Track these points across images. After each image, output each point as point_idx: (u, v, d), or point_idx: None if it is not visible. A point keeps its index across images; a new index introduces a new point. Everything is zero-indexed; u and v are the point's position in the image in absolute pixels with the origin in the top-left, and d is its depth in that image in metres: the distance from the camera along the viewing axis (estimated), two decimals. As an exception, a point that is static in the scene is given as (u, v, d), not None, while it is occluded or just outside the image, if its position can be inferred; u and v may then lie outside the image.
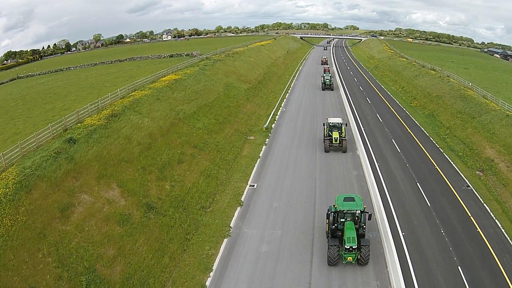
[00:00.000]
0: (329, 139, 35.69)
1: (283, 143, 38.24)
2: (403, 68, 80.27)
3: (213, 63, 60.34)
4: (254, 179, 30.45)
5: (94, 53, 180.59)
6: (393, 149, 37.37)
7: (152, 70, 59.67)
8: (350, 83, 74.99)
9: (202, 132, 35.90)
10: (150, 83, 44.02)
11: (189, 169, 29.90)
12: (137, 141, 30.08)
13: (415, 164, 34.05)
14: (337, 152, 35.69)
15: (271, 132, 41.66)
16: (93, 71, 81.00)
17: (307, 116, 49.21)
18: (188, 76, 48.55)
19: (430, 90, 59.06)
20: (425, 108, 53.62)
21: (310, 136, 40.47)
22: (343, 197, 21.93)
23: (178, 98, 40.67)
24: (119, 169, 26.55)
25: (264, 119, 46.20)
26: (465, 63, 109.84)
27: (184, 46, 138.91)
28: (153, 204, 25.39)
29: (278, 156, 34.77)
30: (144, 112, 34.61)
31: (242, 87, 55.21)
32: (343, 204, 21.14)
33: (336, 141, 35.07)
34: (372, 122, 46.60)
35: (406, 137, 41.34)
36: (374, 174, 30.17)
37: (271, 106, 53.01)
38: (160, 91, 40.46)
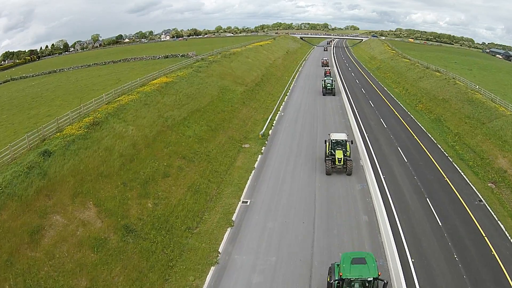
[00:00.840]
0: (332, 159, 30.60)
1: (280, 152, 35.39)
2: (406, 69, 77.43)
3: (208, 64, 57.54)
4: (248, 195, 27.60)
5: (91, 53, 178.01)
6: (399, 159, 34.53)
7: (145, 72, 56.98)
8: (352, 84, 72.14)
9: (192, 140, 33.07)
10: (139, 87, 41.26)
11: (175, 184, 27.08)
12: (119, 152, 27.29)
13: (424, 176, 31.25)
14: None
15: (268, 139, 38.82)
16: (85, 72, 78.30)
17: (307, 120, 46.40)
18: (180, 78, 45.74)
19: (435, 93, 56.23)
20: (431, 112, 50.80)
21: (309, 144, 37.63)
22: (350, 258, 16.82)
23: (168, 103, 37.85)
24: (97, 185, 23.83)
25: (260, 124, 43.36)
26: (468, 64, 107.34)
27: (181, 46, 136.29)
28: (133, 226, 22.61)
29: (274, 167, 31.90)
30: (129, 120, 31.81)
31: (238, 90, 52.37)
32: (351, 269, 16.21)
33: (339, 162, 30.04)
34: (376, 127, 43.75)
35: (413, 145, 38.51)
36: (379, 188, 27.33)
37: (268, 110, 50.17)
38: (149, 96, 37.67)
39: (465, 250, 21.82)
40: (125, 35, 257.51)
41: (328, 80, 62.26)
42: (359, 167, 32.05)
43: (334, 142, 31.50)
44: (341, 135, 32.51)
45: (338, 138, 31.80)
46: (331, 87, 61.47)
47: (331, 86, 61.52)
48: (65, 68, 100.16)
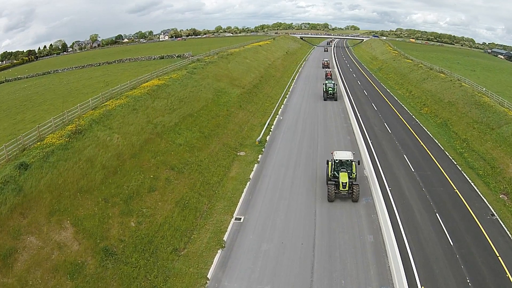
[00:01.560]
0: (335, 183, 25.95)
1: (278, 161, 32.96)
2: (410, 70, 75.01)
3: (203, 65, 55.14)
4: (241, 210, 25.20)
5: (89, 54, 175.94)
6: (406, 168, 32.15)
7: (138, 73, 54.72)
8: (353, 86, 69.72)
9: (182, 149, 30.68)
10: (129, 90, 38.91)
11: (162, 199, 24.71)
12: (101, 164, 24.97)
13: (433, 188, 28.91)
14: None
15: (265, 146, 36.38)
16: (78, 74, 75.97)
17: (307, 125, 44.00)
18: (173, 81, 43.36)
19: (441, 96, 53.84)
20: (437, 116, 48.41)
21: (309, 151, 35.26)
22: None
23: (158, 107, 35.50)
24: (76, 201, 21.62)
25: (257, 130, 40.96)
26: (471, 64, 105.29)
27: (180, 46, 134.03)
28: (113, 248, 20.34)
29: (271, 179, 29.48)
30: (114, 127, 29.46)
31: (235, 92, 49.97)
32: None
33: (344, 187, 25.41)
34: (380, 133, 41.35)
35: (419, 152, 36.14)
36: (386, 202, 24.96)
37: (266, 114, 47.78)
38: (138, 100, 35.31)
39: (478, 275, 19.82)
40: (125, 35, 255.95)
41: (329, 84, 57.50)
42: (363, 177, 29.68)
43: (338, 163, 26.97)
44: (346, 154, 27.66)
45: (343, 157, 27.00)
46: (333, 91, 56.60)
47: (333, 90, 56.63)
48: (60, 69, 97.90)
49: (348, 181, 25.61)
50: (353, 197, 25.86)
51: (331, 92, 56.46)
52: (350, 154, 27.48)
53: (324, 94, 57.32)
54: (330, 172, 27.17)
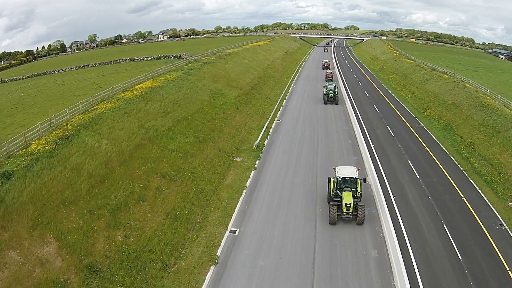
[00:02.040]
0: (338, 204, 23.24)
1: (277, 167, 31.35)
2: (411, 70, 73.48)
3: (200, 66, 53.58)
4: (237, 222, 23.63)
5: (86, 54, 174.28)
6: (410, 174, 30.61)
7: (133, 74, 53.22)
8: (354, 87, 68.15)
9: (175, 155, 29.11)
10: (122, 92, 37.41)
11: (152, 210, 23.16)
12: (88, 172, 23.48)
13: (439, 196, 27.39)
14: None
15: (263, 151, 34.75)
16: (72, 75, 74.40)
17: (307, 127, 42.41)
18: (167, 82, 41.82)
19: (444, 97, 52.30)
20: (441, 118, 46.86)
21: (309, 157, 33.66)
22: None
23: (151, 111, 33.95)
24: (59, 214, 20.24)
25: (255, 133, 39.37)
26: (473, 65, 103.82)
27: (178, 46, 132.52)
28: (98, 265, 18.87)
29: (269, 187, 27.89)
30: (104, 132, 27.94)
31: (232, 94, 48.39)
32: None
33: (348, 208, 22.47)
34: (383, 136, 39.78)
35: (424, 157, 34.59)
36: (390, 213, 23.40)
37: (264, 116, 46.19)
38: (130, 103, 33.79)
39: (488, 289, 18.35)
40: (124, 35, 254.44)
41: (330, 87, 54.46)
42: (366, 185, 28.10)
43: (341, 180, 23.77)
44: (350, 170, 24.28)
45: (347, 174, 23.76)
46: (334, 95, 53.55)
47: (334, 93, 53.58)
48: (55, 70, 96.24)
49: (352, 202, 22.57)
50: (358, 219, 22.87)
51: (332, 95, 53.52)
52: (354, 170, 24.24)
53: (325, 97, 54.22)
54: (332, 190, 23.97)
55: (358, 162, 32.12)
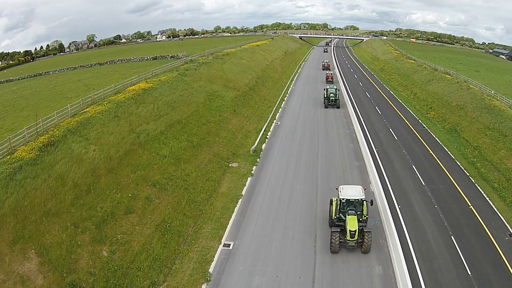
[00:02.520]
0: (341, 230, 20.20)
1: (274, 174, 29.72)
2: (413, 71, 71.96)
3: (196, 66, 51.99)
4: (231, 235, 22.06)
5: (84, 54, 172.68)
6: (416, 181, 29.06)
7: (128, 75, 51.58)
8: (355, 88, 66.59)
9: (167, 162, 27.54)
10: (113, 95, 35.83)
11: (140, 222, 21.60)
12: (73, 181, 21.99)
13: (446, 205, 25.88)
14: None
15: (260, 156, 33.14)
16: (67, 76, 72.77)
17: (306, 130, 40.82)
18: (161, 84, 40.24)
19: (448, 99, 50.77)
20: (445, 121, 45.33)
21: (309, 161, 32.05)
22: None
23: (143, 114, 32.39)
24: (42, 227, 18.86)
25: (253, 137, 37.78)
26: (474, 65, 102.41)
27: (176, 46, 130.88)
28: (81, 283, 17.52)
29: (266, 196, 26.26)
30: (92, 137, 26.39)
31: (229, 95, 46.81)
32: None
33: (353, 236, 19.54)
34: (386, 140, 38.22)
35: (429, 162, 33.06)
36: (396, 225, 21.86)
37: (262, 118, 44.61)
38: (121, 106, 32.22)
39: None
40: (123, 35, 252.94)
41: (331, 90, 50.81)
42: (369, 193, 26.57)
43: (345, 202, 20.76)
44: (355, 190, 21.05)
45: (352, 196, 20.61)
46: (335, 98, 50.24)
47: (335, 97, 50.25)
48: (51, 71, 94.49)
49: (357, 228, 19.52)
50: (364, 247, 19.86)
51: (333, 98, 50.20)
52: (360, 191, 20.99)
53: (325, 100, 50.93)
54: (334, 214, 20.98)
55: (360, 167, 30.59)
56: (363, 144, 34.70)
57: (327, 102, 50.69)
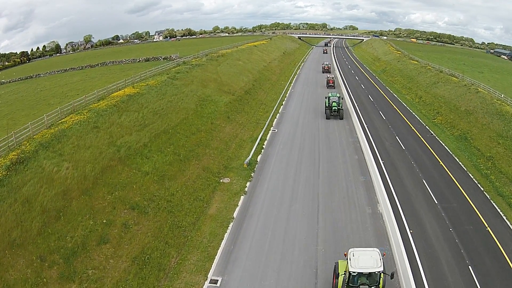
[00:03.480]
0: None
1: (270, 192, 26.57)
2: (417, 72, 69.03)
3: (188, 69, 49.01)
4: (219, 268, 19.07)
5: (79, 55, 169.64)
6: (427, 199, 26.13)
7: (117, 78, 48.80)
8: (357, 90, 63.62)
9: (149, 179, 24.57)
10: (96, 101, 32.91)
11: (115, 254, 18.65)
12: (41, 206, 19.15)
13: (461, 227, 23.07)
14: (349, 213, 24.46)
15: (255, 170, 30.06)
16: (55, 80, 69.78)
17: (306, 139, 37.73)
18: (149, 89, 37.28)
19: (456, 103, 47.86)
20: (454, 127, 42.41)
21: (309, 177, 28.99)
22: None
23: (126, 124, 29.43)
24: (5, 260, 16.40)
25: (247, 147, 34.78)
26: (478, 66, 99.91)
27: (172, 47, 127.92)
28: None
29: (261, 219, 23.21)
30: (66, 153, 23.49)
31: (223, 100, 43.81)
32: None
33: None
34: (393, 149, 35.21)
35: (440, 175, 30.14)
36: (408, 254, 18.96)
37: (259, 125, 41.61)
38: (102, 115, 29.29)
39: None
40: (121, 35, 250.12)
41: (333, 98, 44.97)
42: (377, 214, 23.65)
43: (357, 275, 15.36)
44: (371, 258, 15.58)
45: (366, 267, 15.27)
46: (338, 107, 44.18)
47: (338, 106, 44.24)
48: (42, 74, 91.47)
49: None
50: None
51: (336, 108, 44.13)
52: (377, 259, 15.56)
53: (327, 110, 44.62)
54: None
55: (366, 182, 27.62)
56: (368, 155, 31.73)
57: (329, 112, 44.52)
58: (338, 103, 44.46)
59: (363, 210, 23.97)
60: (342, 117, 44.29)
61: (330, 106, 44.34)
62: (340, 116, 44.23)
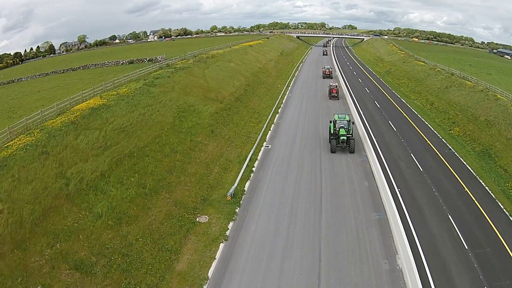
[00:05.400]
0: None
1: (258, 236, 20.57)
2: (425, 75, 63.41)
3: (171, 73, 43.30)
4: None
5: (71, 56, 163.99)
6: (455, 243, 20.46)
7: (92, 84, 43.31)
8: (361, 95, 57.79)
9: (102, 224, 18.87)
10: (55, 117, 27.33)
11: None
12: None
13: (498, 282, 17.64)
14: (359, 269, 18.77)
15: (241, 204, 23.98)
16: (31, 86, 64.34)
17: (306, 158, 31.68)
18: (118, 99, 31.62)
19: (474, 112, 42.27)
20: (474, 141, 36.84)
21: (309, 213, 23.26)
22: None
23: (82, 146, 23.75)
24: None
25: (234, 170, 28.89)
26: (484, 67, 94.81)
27: (164, 47, 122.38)
28: None
29: (244, 279, 17.44)
30: (3, 189, 18.42)
31: (208, 110, 38.03)
32: None
33: None
34: (409, 172, 29.00)
35: (467, 207, 24.52)
36: None
37: (249, 140, 35.81)
38: (55, 136, 23.70)
39: None
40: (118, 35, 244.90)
41: (340, 122, 33.04)
42: (396, 272, 17.97)
43: None
44: None
45: None
46: (348, 135, 32.40)
47: (348, 132, 32.58)
48: (24, 78, 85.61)
49: None
50: None
51: (345, 137, 31.89)
52: None
53: (333, 141, 32.35)
54: None
55: (381, 222, 21.92)
56: (381, 181, 25.85)
57: (335, 143, 32.28)
58: (347, 130, 32.66)
59: (379, 265, 18.30)
60: (353, 150, 32.17)
61: (337, 135, 32.49)
62: (351, 149, 32.08)
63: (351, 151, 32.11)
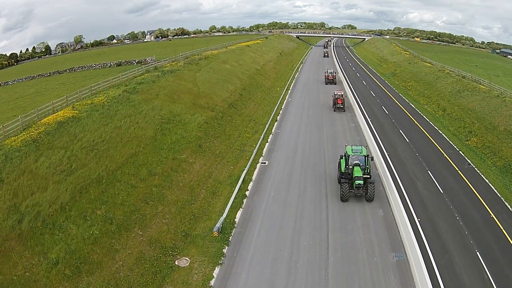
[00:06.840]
0: None
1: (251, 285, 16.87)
2: (434, 77, 59.44)
3: (156, 77, 39.30)
4: None
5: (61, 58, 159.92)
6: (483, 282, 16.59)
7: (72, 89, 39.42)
8: (367, 99, 53.68)
9: (57, 274, 14.89)
10: (19, 132, 23.45)
11: None
12: None
13: None
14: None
15: (231, 242, 19.80)
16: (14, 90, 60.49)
17: (308, 179, 27.18)
18: (92, 110, 27.65)
19: (491, 120, 38.33)
20: (495, 154, 32.89)
21: (313, 252, 19.32)
22: None
23: (42, 171, 19.80)
24: None
25: (223, 194, 24.78)
26: (490, 68, 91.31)
27: (159, 48, 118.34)
28: None
29: None
30: None
31: (196, 119, 33.97)
32: None
33: None
34: (429, 196, 24.64)
35: (496, 241, 20.56)
36: None
37: (243, 155, 31.74)
38: (12, 158, 19.87)
39: None
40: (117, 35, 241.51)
41: (355, 157, 24.10)
42: None
43: None
44: None
45: None
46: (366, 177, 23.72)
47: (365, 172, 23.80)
48: (10, 81, 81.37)
49: None
50: None
51: (361, 180, 23.13)
52: None
53: (344, 185, 23.64)
54: None
55: (400, 266, 17.89)
56: (398, 209, 21.82)
57: (347, 188, 23.51)
58: (364, 168, 23.78)
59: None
60: (372, 198, 23.51)
61: (351, 176, 23.80)
62: (369, 196, 23.43)
63: (369, 199, 23.43)
